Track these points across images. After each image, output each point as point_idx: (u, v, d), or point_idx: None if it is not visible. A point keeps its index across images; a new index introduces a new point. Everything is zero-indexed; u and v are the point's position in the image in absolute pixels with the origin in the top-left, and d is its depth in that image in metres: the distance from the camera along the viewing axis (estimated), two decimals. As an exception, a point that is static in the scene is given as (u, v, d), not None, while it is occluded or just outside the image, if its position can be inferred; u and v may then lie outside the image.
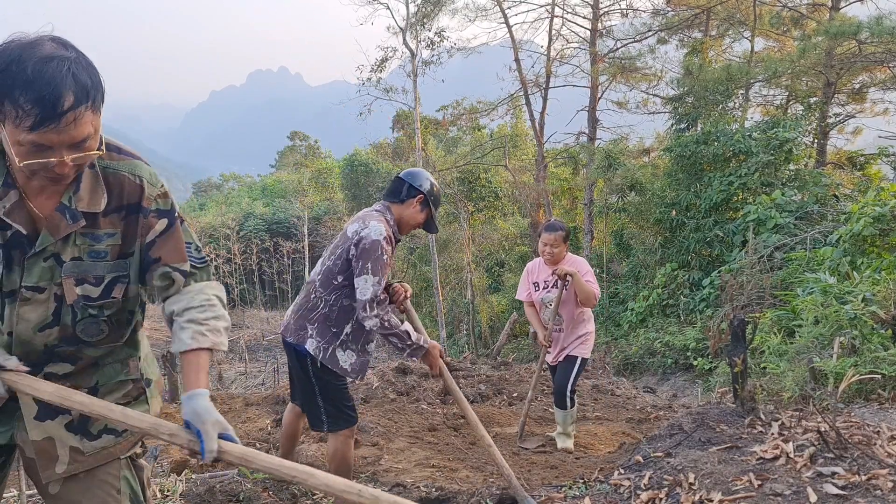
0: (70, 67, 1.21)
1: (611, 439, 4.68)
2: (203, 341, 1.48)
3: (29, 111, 1.18)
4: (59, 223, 1.37)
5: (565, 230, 4.31)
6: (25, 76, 1.18)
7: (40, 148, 1.23)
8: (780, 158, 12.23)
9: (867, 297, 4.73)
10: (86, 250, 1.42)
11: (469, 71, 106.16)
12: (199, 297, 1.53)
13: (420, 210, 2.86)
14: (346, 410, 2.82)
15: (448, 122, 25.68)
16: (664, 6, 19.68)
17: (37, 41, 1.22)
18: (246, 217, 34.74)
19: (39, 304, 1.41)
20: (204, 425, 1.39)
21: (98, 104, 1.28)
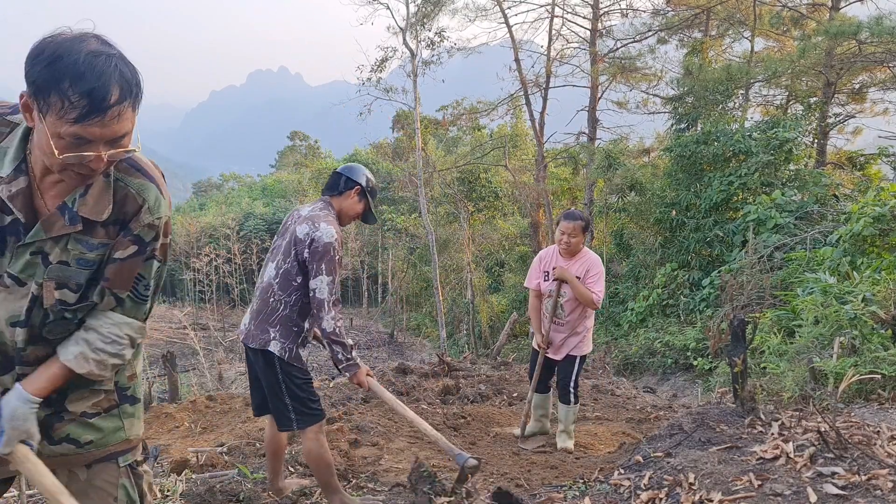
0: (117, 63, 1.23)
1: (611, 439, 4.68)
2: (82, 366, 1.44)
3: (76, 103, 1.19)
4: (55, 221, 1.36)
5: (584, 220, 4.27)
6: (76, 68, 1.18)
7: (81, 141, 1.23)
8: (780, 158, 12.23)
9: (867, 297, 4.72)
10: (76, 256, 1.41)
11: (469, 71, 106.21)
12: (111, 329, 1.48)
13: (358, 200, 2.97)
14: (313, 406, 2.87)
15: (448, 122, 25.68)
16: (664, 6, 19.68)
17: (82, 36, 1.23)
18: (246, 217, 34.74)
19: (16, 298, 1.39)
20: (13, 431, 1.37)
21: (138, 102, 1.29)
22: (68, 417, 1.52)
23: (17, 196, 1.33)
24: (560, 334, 4.36)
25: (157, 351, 13.60)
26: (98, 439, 1.56)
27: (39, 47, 1.21)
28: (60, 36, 1.23)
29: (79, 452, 1.54)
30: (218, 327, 19.20)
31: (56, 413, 1.51)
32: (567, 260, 4.29)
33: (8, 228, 1.34)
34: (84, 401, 1.55)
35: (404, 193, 26.50)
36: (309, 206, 2.95)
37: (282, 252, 2.86)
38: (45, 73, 1.19)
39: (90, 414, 1.54)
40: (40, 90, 1.20)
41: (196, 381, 9.06)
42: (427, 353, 18.36)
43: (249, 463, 3.75)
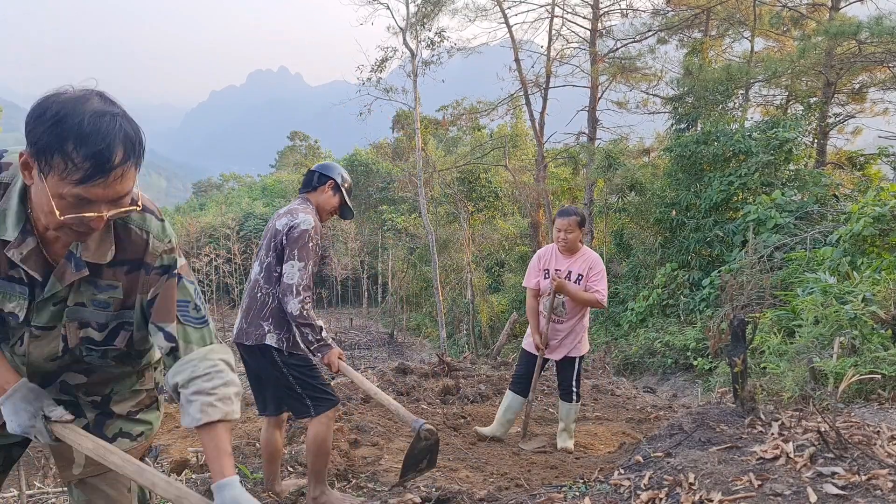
0: (121, 123, 1.22)
1: (611, 439, 4.68)
2: (213, 413, 1.42)
3: (80, 164, 1.18)
4: (65, 271, 1.38)
5: (580, 215, 4.25)
6: (81, 130, 1.17)
7: (83, 202, 1.22)
8: (780, 158, 12.22)
9: (867, 297, 4.72)
10: (89, 298, 1.43)
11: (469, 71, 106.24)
12: (203, 365, 1.46)
13: (332, 195, 3.05)
14: (326, 390, 2.93)
15: (448, 122, 25.68)
16: (664, 6, 19.67)
17: (85, 95, 1.22)
18: (246, 217, 34.74)
19: (49, 340, 1.44)
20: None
21: (140, 160, 1.29)
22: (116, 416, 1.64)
23: (30, 257, 1.34)
24: (559, 333, 4.33)
25: (157, 351, 13.59)
26: (147, 430, 1.69)
27: (42, 106, 1.20)
28: (63, 95, 1.21)
29: (133, 446, 1.65)
30: (218, 327, 19.21)
31: (104, 413, 1.62)
32: (567, 258, 4.26)
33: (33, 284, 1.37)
34: (127, 402, 1.66)
35: (404, 193, 26.50)
36: (288, 206, 3.04)
37: (264, 248, 2.94)
38: (48, 135, 1.17)
39: (135, 412, 1.65)
40: (43, 151, 1.18)
41: (196, 381, 9.05)
42: (427, 353, 18.36)
43: (249, 463, 3.75)
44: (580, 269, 4.22)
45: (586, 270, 4.21)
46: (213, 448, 1.42)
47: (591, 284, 4.19)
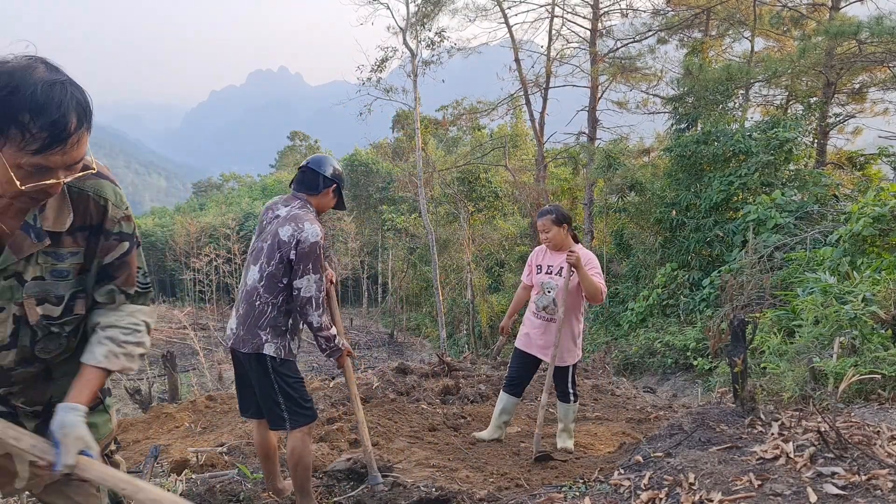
0: (71, 91, 1.23)
1: (611, 439, 4.67)
2: (114, 363, 1.49)
3: (37, 134, 1.19)
4: (22, 242, 1.36)
5: (555, 212, 4.16)
6: (35, 100, 1.18)
7: (41, 170, 1.23)
8: (780, 158, 12.22)
9: (867, 297, 4.72)
10: (48, 269, 1.41)
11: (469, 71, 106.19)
12: (128, 319, 1.54)
13: (333, 196, 3.04)
14: (306, 405, 2.91)
15: (448, 122, 25.67)
16: (664, 6, 19.67)
17: (30, 64, 1.22)
18: (246, 217, 34.75)
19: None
20: (66, 438, 1.38)
21: (91, 124, 1.29)
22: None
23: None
24: (550, 334, 4.22)
25: (157, 351, 13.59)
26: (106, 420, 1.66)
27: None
28: (7, 64, 1.21)
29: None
30: (218, 327, 19.20)
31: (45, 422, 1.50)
32: (559, 255, 4.21)
33: None
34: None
35: (404, 193, 26.50)
36: (285, 206, 2.93)
37: (265, 255, 2.85)
38: (2, 108, 1.17)
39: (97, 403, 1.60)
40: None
41: (196, 381, 9.06)
42: (427, 353, 18.35)
43: (249, 463, 3.75)
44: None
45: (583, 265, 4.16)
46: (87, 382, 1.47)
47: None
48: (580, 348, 4.37)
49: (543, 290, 4.23)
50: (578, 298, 4.21)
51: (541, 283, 4.25)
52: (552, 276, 4.21)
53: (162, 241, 39.11)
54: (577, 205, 22.00)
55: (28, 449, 1.39)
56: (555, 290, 4.18)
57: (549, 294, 4.20)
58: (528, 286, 4.44)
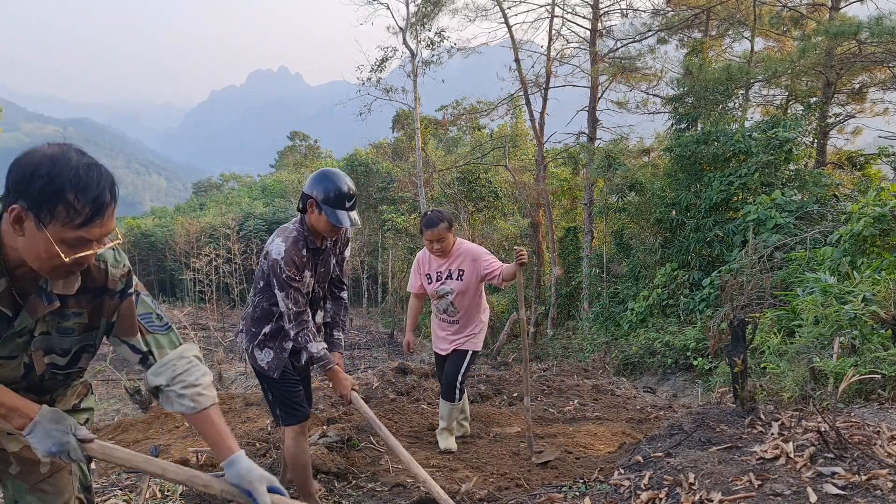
0: (104, 171, 1.42)
1: (611, 439, 4.67)
2: (204, 401, 1.65)
3: (80, 210, 1.36)
4: (37, 306, 1.50)
5: (446, 218, 4.06)
6: (78, 179, 1.35)
7: (81, 242, 1.40)
8: (780, 158, 12.21)
9: (867, 297, 4.72)
10: (54, 326, 1.56)
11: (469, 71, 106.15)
12: (181, 363, 1.67)
13: (318, 213, 2.77)
14: (294, 406, 2.95)
15: (448, 122, 25.67)
16: (664, 6, 19.65)
17: (63, 150, 1.39)
18: (246, 217, 34.72)
19: (11, 368, 1.55)
20: (252, 484, 1.58)
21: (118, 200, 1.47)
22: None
23: (2, 296, 1.46)
24: (450, 333, 4.26)
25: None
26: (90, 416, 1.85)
27: (30, 164, 1.35)
28: (44, 151, 1.38)
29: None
30: (218, 327, 19.20)
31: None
32: (445, 259, 4.16)
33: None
34: (69, 399, 1.78)
35: (404, 193, 26.48)
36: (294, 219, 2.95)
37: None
38: (49, 188, 1.33)
39: (77, 403, 1.79)
40: (44, 202, 1.34)
41: (196, 381, 9.04)
42: (427, 353, 18.34)
43: (249, 463, 3.74)
44: (459, 265, 4.13)
45: (469, 264, 4.11)
46: (215, 430, 1.64)
47: (488, 269, 4.09)
48: (480, 342, 4.32)
49: (440, 296, 4.21)
50: (476, 294, 4.23)
51: (436, 292, 4.22)
52: (443, 282, 4.17)
53: (162, 241, 39.08)
54: (577, 205, 21.99)
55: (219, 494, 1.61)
56: (451, 293, 4.16)
57: (446, 298, 4.19)
58: (419, 294, 4.40)
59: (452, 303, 4.19)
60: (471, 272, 4.13)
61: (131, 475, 3.46)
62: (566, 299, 19.40)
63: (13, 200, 1.35)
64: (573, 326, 17.57)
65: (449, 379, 4.21)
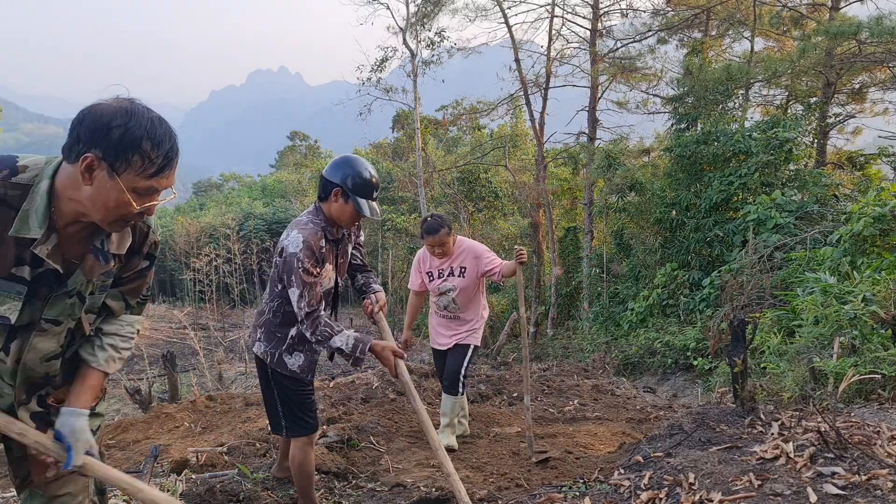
0: (169, 125, 1.47)
1: (611, 439, 4.67)
2: (112, 367, 1.70)
3: (155, 160, 1.41)
4: (94, 265, 1.54)
5: (446, 224, 4.10)
6: (153, 130, 1.40)
7: (150, 192, 1.45)
8: (780, 158, 12.21)
9: (867, 297, 4.72)
10: (99, 285, 1.60)
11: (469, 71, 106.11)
12: (127, 328, 1.75)
13: (344, 202, 2.68)
14: (305, 417, 2.82)
15: (448, 122, 25.65)
16: (664, 6, 19.65)
17: (133, 103, 1.43)
18: (246, 217, 34.69)
19: (54, 335, 1.56)
20: (77, 442, 1.58)
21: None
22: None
23: (54, 252, 1.47)
24: (451, 329, 4.30)
25: (157, 351, 13.59)
26: (102, 422, 1.87)
27: (104, 115, 1.37)
28: (114, 104, 1.41)
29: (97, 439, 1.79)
30: (218, 327, 19.19)
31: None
32: (447, 258, 4.19)
33: (39, 280, 1.48)
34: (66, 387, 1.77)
35: (404, 193, 26.48)
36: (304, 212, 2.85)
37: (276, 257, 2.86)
38: (125, 138, 1.37)
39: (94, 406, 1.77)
40: (120, 152, 1.37)
41: (196, 381, 9.06)
42: (427, 353, 18.33)
43: (249, 463, 3.75)
44: (462, 262, 4.18)
45: (471, 261, 4.16)
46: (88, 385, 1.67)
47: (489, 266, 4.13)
48: (480, 337, 4.35)
49: (442, 293, 4.25)
50: (477, 291, 4.27)
51: (437, 288, 4.26)
52: (445, 279, 4.21)
53: (162, 242, 39.04)
54: (577, 205, 21.98)
55: (33, 445, 1.56)
56: (453, 290, 4.20)
57: (448, 295, 4.22)
58: (419, 292, 4.44)
59: (454, 299, 4.22)
60: (473, 269, 4.18)
61: (131, 475, 3.46)
62: (566, 299, 19.40)
63: (86, 149, 1.36)
64: (573, 326, 17.57)
65: (452, 372, 4.22)
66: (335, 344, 2.62)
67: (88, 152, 1.36)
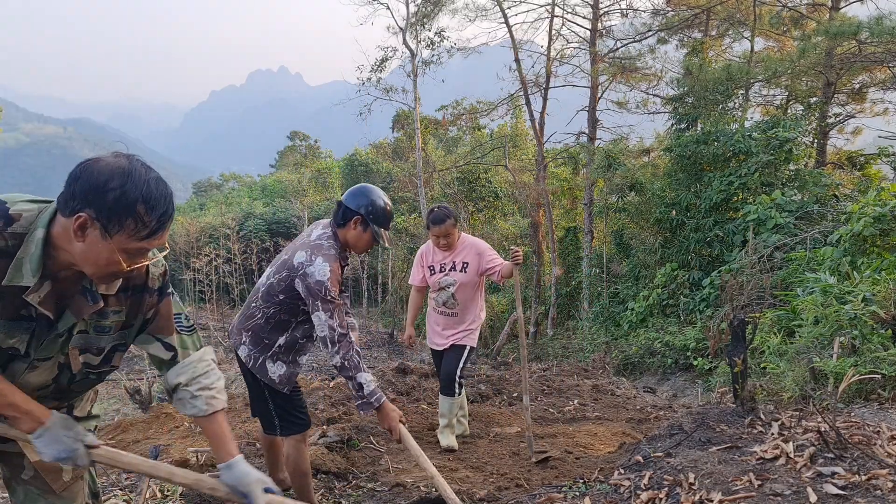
0: (166, 185, 1.46)
1: (611, 439, 4.67)
2: (217, 404, 1.73)
3: (148, 223, 1.41)
4: (82, 306, 1.53)
5: (452, 215, 4.15)
6: (149, 194, 1.40)
7: (141, 252, 1.46)
8: (780, 158, 12.21)
9: (867, 297, 4.72)
10: (92, 325, 1.59)
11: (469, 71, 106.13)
12: (201, 365, 1.74)
13: (363, 231, 2.80)
14: (298, 415, 2.86)
15: (448, 122, 25.66)
16: (664, 6, 19.66)
17: (133, 161, 1.42)
18: (246, 217, 34.66)
19: (44, 370, 1.58)
20: (249, 487, 1.66)
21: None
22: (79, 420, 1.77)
23: (46, 300, 1.48)
24: (447, 327, 4.28)
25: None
26: (98, 422, 1.89)
27: (104, 175, 1.37)
28: (112, 162, 1.40)
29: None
30: (218, 327, 19.19)
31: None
32: (450, 252, 4.21)
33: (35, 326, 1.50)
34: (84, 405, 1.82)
35: (404, 193, 26.47)
36: (320, 231, 2.85)
37: (277, 265, 2.85)
38: (121, 201, 1.36)
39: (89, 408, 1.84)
40: (114, 214, 1.37)
41: (196, 381, 9.04)
42: (427, 353, 18.32)
43: (249, 463, 3.74)
44: (464, 257, 4.18)
45: (473, 257, 4.16)
46: (220, 433, 1.72)
47: (490, 265, 4.14)
48: (476, 338, 4.34)
49: (442, 287, 4.24)
50: (477, 289, 4.26)
51: (438, 283, 4.25)
52: (447, 274, 4.22)
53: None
54: (577, 205, 21.98)
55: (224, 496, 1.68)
56: (453, 285, 4.20)
57: (448, 290, 4.22)
58: (421, 288, 4.44)
59: (454, 295, 4.21)
60: (475, 265, 4.17)
61: (131, 475, 3.46)
62: (566, 299, 19.40)
63: (80, 208, 1.37)
64: (573, 326, 17.57)
65: (448, 373, 4.22)
66: (361, 379, 2.66)
67: (82, 211, 1.37)
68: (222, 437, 1.71)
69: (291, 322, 2.82)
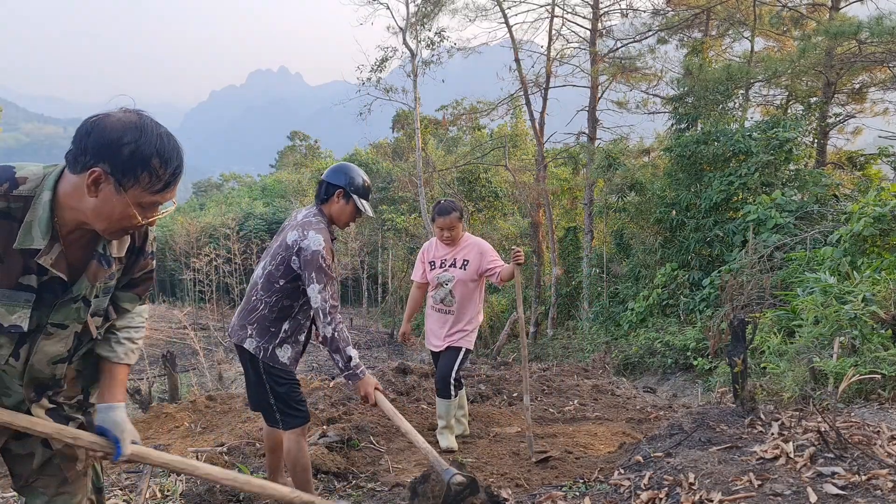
0: (176, 140, 1.48)
1: (611, 439, 4.67)
2: (131, 358, 1.76)
3: (162, 176, 1.44)
4: (97, 270, 1.57)
5: (458, 208, 4.17)
6: (162, 148, 1.42)
7: (154, 205, 1.49)
8: (780, 158, 12.21)
9: (867, 297, 4.72)
10: (103, 288, 1.63)
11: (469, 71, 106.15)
12: (138, 319, 1.80)
13: (346, 203, 2.95)
14: (298, 408, 2.92)
15: (448, 122, 25.68)
16: (664, 6, 19.66)
17: (142, 118, 1.44)
18: (246, 217, 34.70)
19: (60, 339, 1.59)
20: (122, 434, 1.65)
21: None
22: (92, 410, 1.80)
23: (57, 261, 1.49)
24: (444, 326, 4.25)
25: (157, 351, 13.59)
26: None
27: (116, 130, 1.38)
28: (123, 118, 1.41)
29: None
30: (218, 327, 19.19)
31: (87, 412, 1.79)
32: (452, 248, 4.21)
33: (45, 287, 1.51)
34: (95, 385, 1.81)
35: (404, 193, 26.48)
36: (305, 211, 2.99)
37: (271, 254, 2.93)
38: (135, 155, 1.39)
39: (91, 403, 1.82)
40: (129, 168, 1.39)
41: (196, 381, 9.06)
42: (427, 353, 18.30)
43: (249, 463, 3.75)
44: (466, 255, 4.18)
45: (475, 256, 4.16)
46: (118, 380, 1.72)
47: (491, 265, 4.13)
48: (473, 341, 4.31)
49: (440, 283, 4.23)
50: (476, 289, 4.24)
51: (436, 278, 4.24)
52: (447, 269, 4.21)
53: (162, 241, 39.06)
54: (577, 205, 21.99)
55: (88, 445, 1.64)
56: (451, 281, 4.19)
57: (446, 286, 4.21)
58: (422, 284, 4.41)
59: (451, 291, 4.19)
60: (475, 264, 4.17)
61: (131, 475, 3.46)
62: (566, 299, 19.40)
63: (93, 163, 1.37)
64: (573, 326, 17.57)
65: (443, 376, 4.21)
66: (350, 352, 2.79)
67: (96, 166, 1.37)
68: (119, 383, 1.72)
69: (294, 307, 2.90)
